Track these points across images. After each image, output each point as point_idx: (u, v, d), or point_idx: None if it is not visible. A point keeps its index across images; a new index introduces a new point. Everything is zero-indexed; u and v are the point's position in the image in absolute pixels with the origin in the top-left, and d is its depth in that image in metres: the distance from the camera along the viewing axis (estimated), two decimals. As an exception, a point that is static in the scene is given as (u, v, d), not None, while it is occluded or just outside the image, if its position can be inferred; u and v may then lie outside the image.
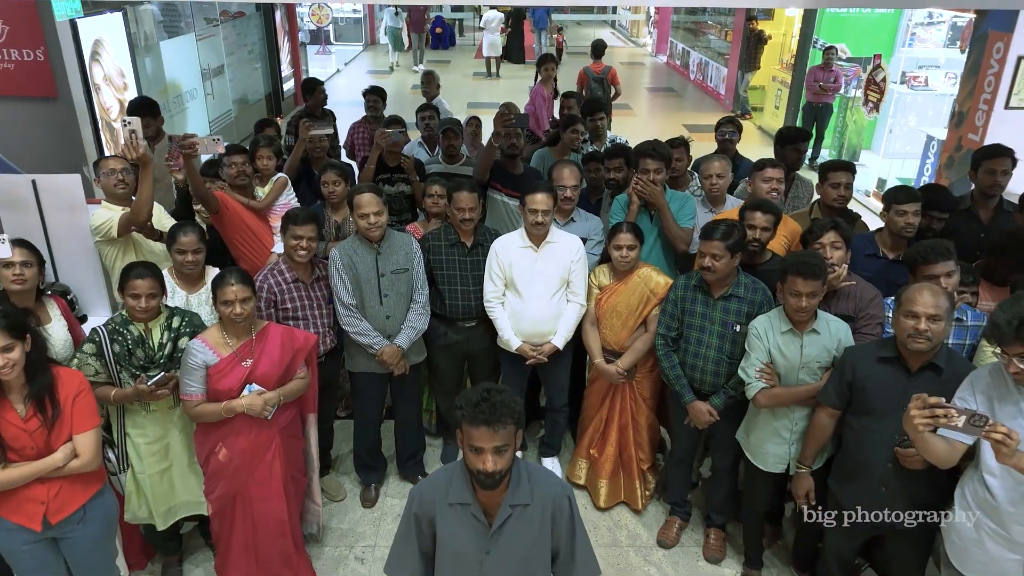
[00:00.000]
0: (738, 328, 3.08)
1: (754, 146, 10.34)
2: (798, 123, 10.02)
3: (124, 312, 2.90)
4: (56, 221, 3.62)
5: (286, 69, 12.52)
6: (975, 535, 2.34)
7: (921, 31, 9.97)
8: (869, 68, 8.65)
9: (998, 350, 2.19)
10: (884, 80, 8.39)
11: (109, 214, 3.47)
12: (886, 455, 2.59)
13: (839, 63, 9.66)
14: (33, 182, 3.55)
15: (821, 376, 2.85)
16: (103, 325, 2.87)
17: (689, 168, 4.50)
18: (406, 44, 16.53)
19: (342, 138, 5.98)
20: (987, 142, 6.35)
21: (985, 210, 3.66)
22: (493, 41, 15.64)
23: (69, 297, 3.57)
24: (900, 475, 2.58)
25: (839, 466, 2.84)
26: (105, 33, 6.54)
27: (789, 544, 3.48)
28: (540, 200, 3.35)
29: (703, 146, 5.35)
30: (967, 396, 2.30)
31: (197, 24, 8.92)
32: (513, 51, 16.83)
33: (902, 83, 9.50)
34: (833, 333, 2.86)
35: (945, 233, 3.43)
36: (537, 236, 3.43)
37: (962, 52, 6.85)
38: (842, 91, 9.55)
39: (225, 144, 3.69)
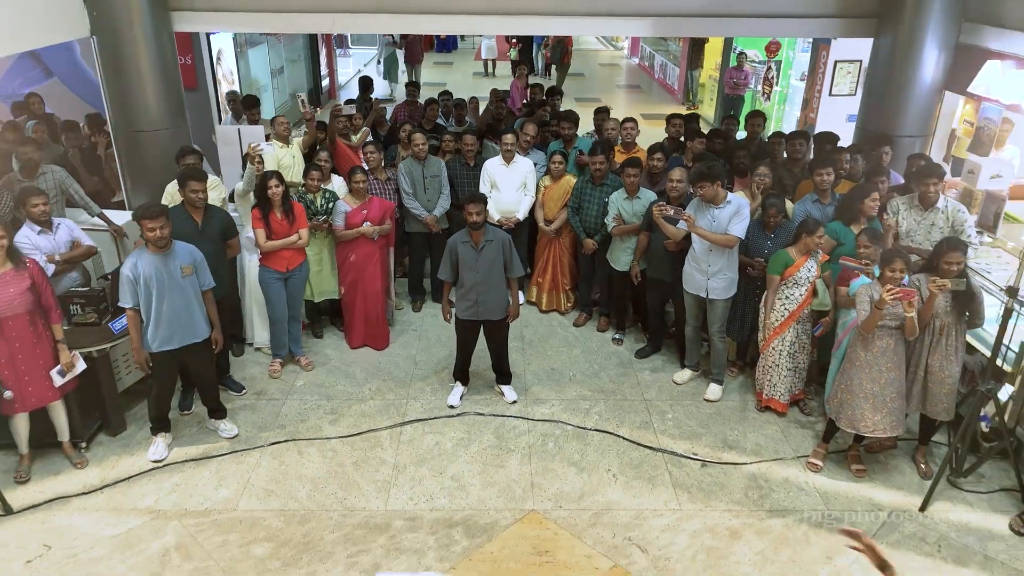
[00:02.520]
0: (607, 200, 6.13)
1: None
2: (720, 111, 13.09)
3: (303, 188, 5.95)
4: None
5: (323, 69, 15.60)
6: (691, 270, 5.39)
7: (817, 40, 13.00)
8: (765, 69, 11.72)
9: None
10: (773, 77, 11.45)
11: (272, 149, 6.50)
12: (664, 246, 5.63)
13: (752, 64, 12.71)
14: (238, 130, 6.61)
15: (642, 219, 5.90)
16: (295, 193, 5.93)
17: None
18: (402, 74, 16.90)
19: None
20: (818, 120, 9.46)
21: (752, 144, 6.74)
22: (490, 45, 18.74)
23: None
24: (669, 255, 5.62)
25: (648, 260, 5.89)
26: (223, 44, 9.62)
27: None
28: (508, 138, 6.41)
29: (655, 131, 8.38)
30: (687, 211, 5.33)
31: (268, 36, 11.99)
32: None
33: (801, 80, 12.52)
34: (648, 198, 5.90)
35: (726, 153, 6.50)
36: (508, 157, 6.47)
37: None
38: (752, 86, 12.61)
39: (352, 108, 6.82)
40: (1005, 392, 4.53)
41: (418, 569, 4.02)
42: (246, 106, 7.66)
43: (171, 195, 5.53)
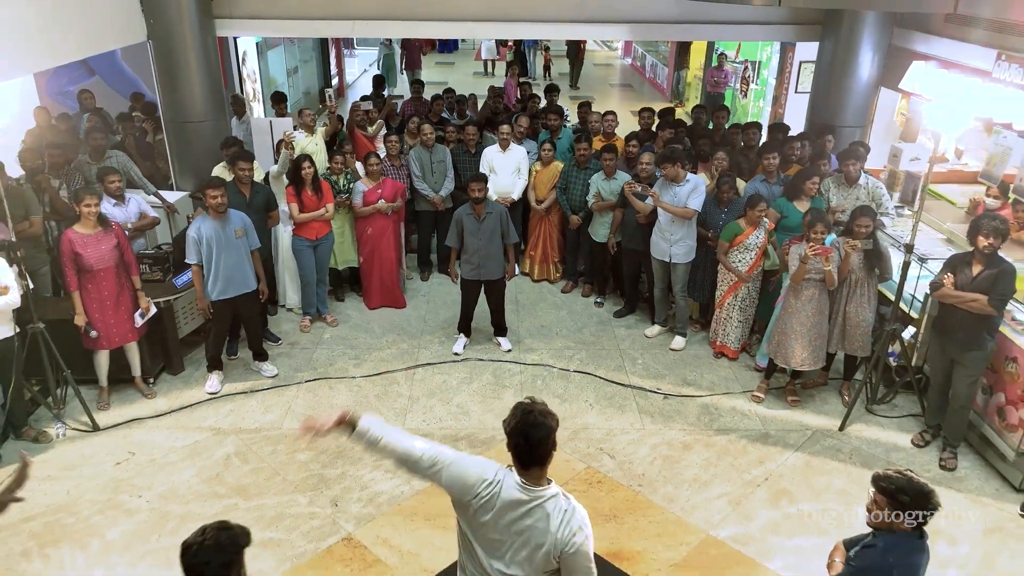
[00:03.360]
0: (589, 181, 7.13)
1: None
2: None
3: (328, 170, 6.94)
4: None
5: (332, 69, 16.59)
6: (657, 239, 6.39)
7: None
8: (742, 69, 12.72)
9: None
10: (750, 76, 12.45)
11: (301, 136, 7.50)
12: (636, 220, 6.63)
13: (733, 64, 13.70)
14: (270, 122, 7.61)
15: (617, 196, 6.89)
16: (320, 174, 6.94)
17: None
18: (400, 73, 17.27)
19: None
20: (786, 115, 10.46)
21: (716, 134, 7.74)
22: (490, 47, 19.75)
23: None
24: (640, 227, 6.62)
25: (622, 232, 6.89)
26: (248, 47, 10.62)
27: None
28: (504, 129, 7.42)
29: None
30: (655, 189, 6.33)
31: (284, 39, 12.98)
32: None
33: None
34: (623, 179, 6.90)
35: (692, 140, 7.49)
36: (504, 145, 7.47)
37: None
38: (731, 85, 13.60)
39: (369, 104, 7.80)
40: (908, 332, 5.53)
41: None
42: (274, 101, 8.64)
43: (218, 175, 6.52)
